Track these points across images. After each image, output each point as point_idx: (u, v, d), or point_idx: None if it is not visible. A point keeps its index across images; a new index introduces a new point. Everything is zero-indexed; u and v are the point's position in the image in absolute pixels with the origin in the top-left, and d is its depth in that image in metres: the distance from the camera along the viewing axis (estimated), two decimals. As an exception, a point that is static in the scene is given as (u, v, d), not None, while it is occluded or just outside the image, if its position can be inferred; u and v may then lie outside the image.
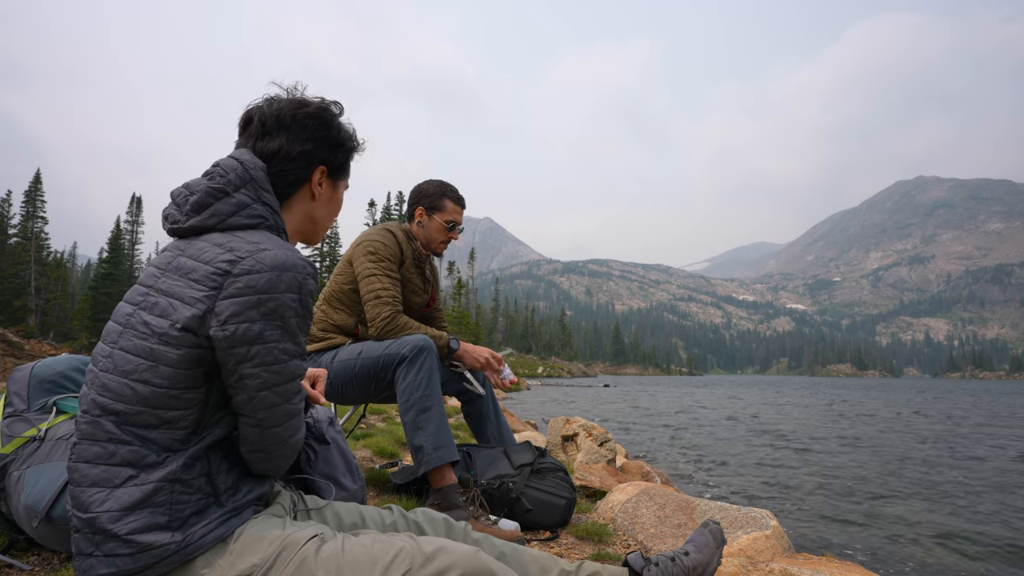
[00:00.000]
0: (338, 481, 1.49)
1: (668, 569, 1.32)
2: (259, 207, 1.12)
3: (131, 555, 0.97)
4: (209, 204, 1.09)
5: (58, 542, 1.56)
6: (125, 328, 1.03)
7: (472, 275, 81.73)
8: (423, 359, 2.15)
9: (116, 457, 0.98)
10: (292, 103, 1.20)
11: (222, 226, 1.08)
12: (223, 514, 1.04)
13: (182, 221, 1.09)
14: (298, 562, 1.00)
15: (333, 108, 1.25)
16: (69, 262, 68.52)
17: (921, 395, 32.96)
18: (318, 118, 1.21)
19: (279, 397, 1.05)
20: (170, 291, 1.02)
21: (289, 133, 1.18)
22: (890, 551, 4.06)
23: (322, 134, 1.21)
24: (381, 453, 3.61)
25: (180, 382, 1.00)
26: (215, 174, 1.11)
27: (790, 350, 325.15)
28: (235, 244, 1.04)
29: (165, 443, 1.00)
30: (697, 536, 1.45)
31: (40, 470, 1.54)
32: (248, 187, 1.12)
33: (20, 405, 1.74)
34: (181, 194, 1.12)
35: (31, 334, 34.68)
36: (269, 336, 1.01)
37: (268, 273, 1.01)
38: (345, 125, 1.27)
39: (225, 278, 1.00)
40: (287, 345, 1.04)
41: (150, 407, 0.99)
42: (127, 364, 1.00)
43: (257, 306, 1.00)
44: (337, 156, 1.25)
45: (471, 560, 1.04)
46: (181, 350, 0.99)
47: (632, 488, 2.71)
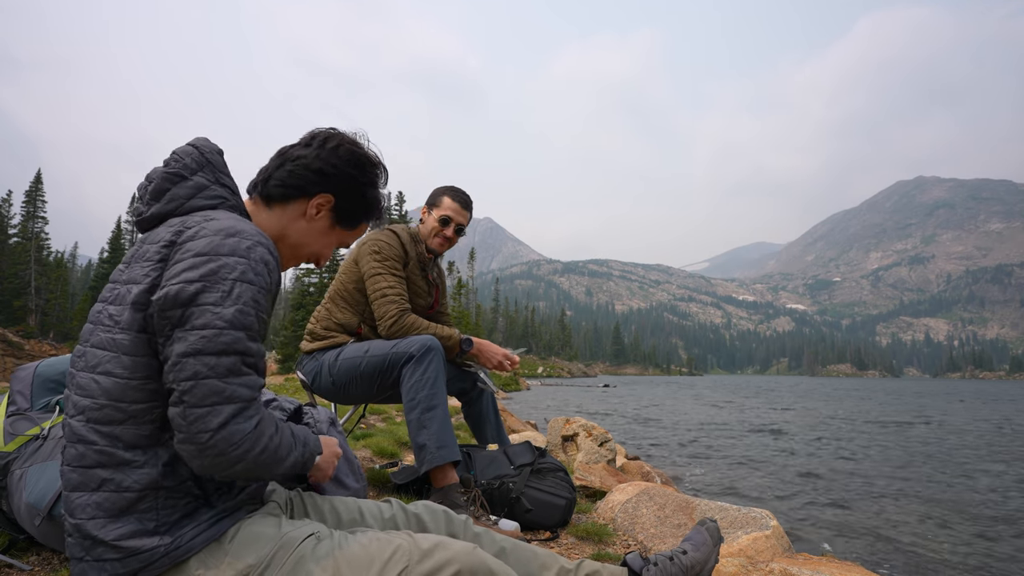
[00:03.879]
0: (340, 481, 1.50)
1: (667, 568, 1.33)
2: (218, 188, 1.10)
3: (120, 560, 0.96)
4: (167, 189, 1.07)
5: (60, 541, 1.56)
6: (95, 325, 1.02)
7: (472, 275, 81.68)
8: (430, 358, 2.16)
9: (87, 458, 0.97)
10: (349, 139, 1.22)
11: (181, 210, 1.07)
12: (214, 515, 1.03)
13: (144, 211, 1.08)
14: (294, 561, 0.99)
15: (380, 167, 1.25)
16: (69, 262, 68.49)
17: (921, 399, 32.87)
18: (357, 156, 1.20)
19: (206, 367, 0.92)
20: (129, 278, 1.01)
21: (323, 151, 1.18)
22: (890, 551, 4.06)
23: (350, 171, 1.19)
24: (381, 453, 3.62)
25: (139, 371, 0.97)
26: (171, 160, 1.10)
27: (790, 350, 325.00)
28: (187, 220, 1.03)
29: (131, 439, 0.97)
30: (694, 535, 1.46)
31: (42, 468, 1.54)
32: (205, 170, 1.10)
33: (23, 403, 1.74)
34: (142, 185, 1.11)
35: (31, 334, 34.68)
36: (204, 299, 0.93)
37: (211, 236, 0.97)
38: (380, 190, 1.25)
39: (170, 249, 0.99)
40: (225, 311, 0.94)
41: (113, 400, 0.97)
42: (94, 359, 0.99)
43: (195, 267, 0.95)
44: (350, 200, 1.21)
45: (468, 556, 1.04)
46: (131, 334, 0.97)
47: (632, 488, 2.71)
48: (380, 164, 1.25)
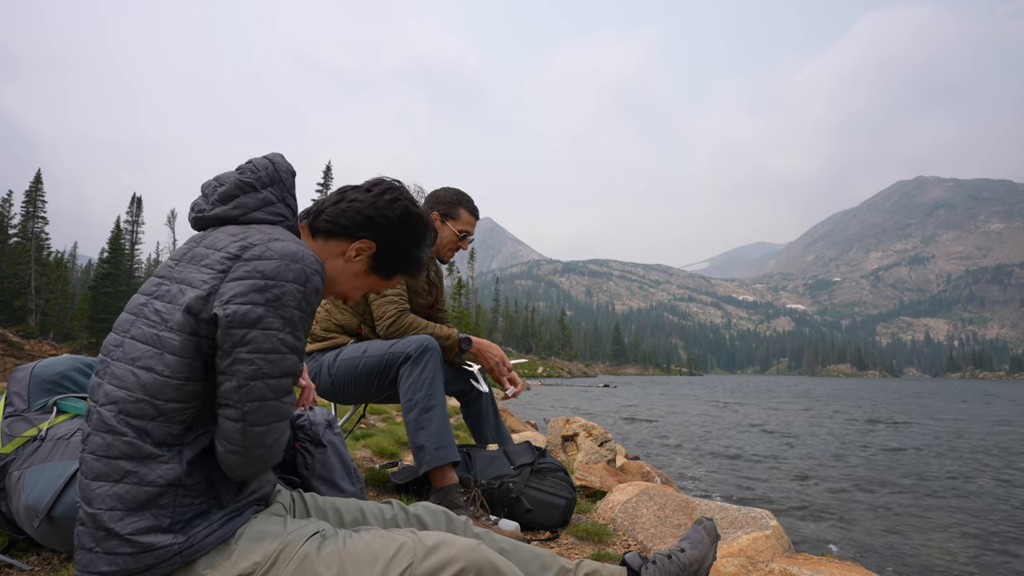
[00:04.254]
0: (336, 484, 1.49)
1: (665, 566, 1.34)
2: (282, 207, 1.15)
3: (132, 555, 0.96)
4: (236, 196, 1.12)
5: (59, 542, 1.56)
6: (137, 317, 1.04)
7: (472, 275, 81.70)
8: (427, 359, 2.15)
9: (114, 449, 0.98)
10: (408, 196, 1.26)
11: (244, 218, 1.11)
12: (225, 515, 1.04)
13: (207, 209, 1.12)
14: (300, 559, 1.00)
15: (429, 229, 1.29)
16: (69, 262, 68.51)
17: (922, 399, 32.88)
18: (410, 214, 1.24)
19: (270, 390, 1.00)
20: (182, 278, 1.03)
21: (379, 200, 1.22)
22: (890, 551, 4.06)
23: (399, 226, 1.23)
24: (381, 453, 3.61)
25: (182, 371, 0.99)
26: (246, 169, 1.14)
27: (790, 350, 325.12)
28: (249, 233, 1.06)
29: (160, 436, 0.99)
30: (692, 533, 1.47)
31: (40, 470, 1.54)
32: (275, 187, 1.15)
33: (20, 405, 1.74)
34: (210, 185, 1.15)
35: (31, 334, 34.70)
36: (270, 323, 0.98)
37: (277, 260, 1.00)
38: (423, 251, 1.29)
39: (234, 262, 1.01)
40: (286, 336, 1.01)
41: (150, 395, 0.98)
42: (135, 351, 1.00)
43: (262, 290, 0.98)
44: (392, 252, 1.24)
45: (473, 552, 1.04)
46: (182, 335, 0.99)
47: (632, 488, 2.71)
48: (430, 227, 1.29)
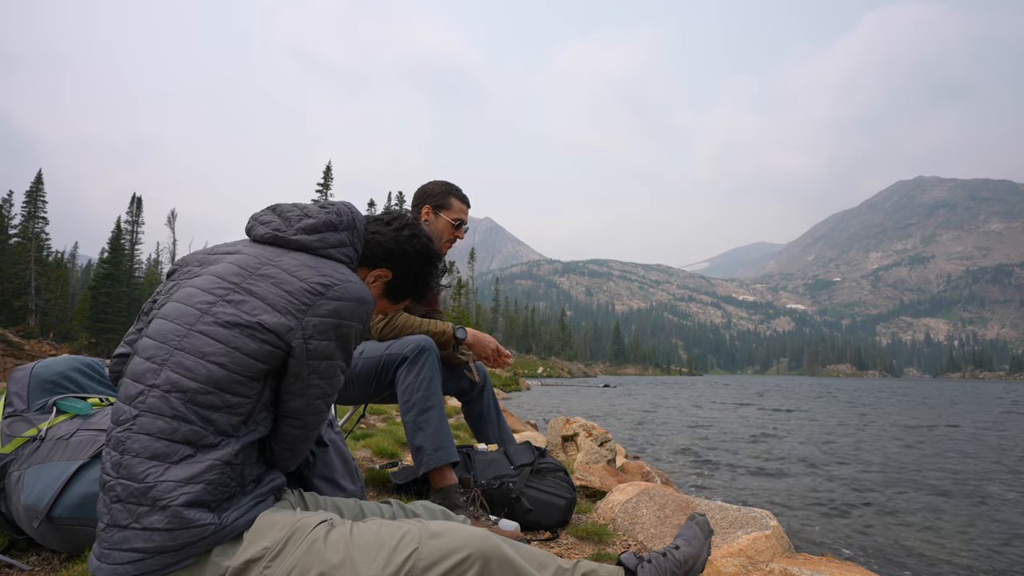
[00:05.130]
0: (337, 483, 1.49)
1: (660, 564, 1.35)
2: (351, 250, 1.31)
3: (169, 531, 1.01)
4: (320, 231, 1.26)
5: (59, 542, 1.56)
6: (205, 314, 1.12)
7: (472, 275, 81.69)
8: (424, 359, 2.14)
9: (178, 434, 1.05)
10: (426, 232, 1.45)
11: (320, 252, 1.25)
12: (249, 501, 1.11)
13: (288, 232, 1.25)
14: (308, 544, 1.05)
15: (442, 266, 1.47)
16: (69, 262, 68.44)
17: (922, 400, 32.83)
18: (427, 250, 1.42)
19: (326, 405, 1.23)
20: (261, 294, 1.14)
21: (399, 235, 1.40)
22: (890, 552, 4.06)
23: (416, 259, 1.41)
24: (381, 453, 3.61)
25: (250, 371, 1.10)
26: (332, 209, 1.30)
27: (790, 350, 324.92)
28: (328, 271, 1.20)
29: (223, 426, 1.09)
30: (685, 530, 1.49)
31: (40, 470, 1.54)
32: (351, 231, 1.31)
33: (20, 405, 1.73)
34: (294, 212, 1.29)
35: (31, 334, 34.69)
36: (336, 355, 1.18)
37: (352, 303, 1.18)
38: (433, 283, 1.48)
39: (317, 298, 1.15)
40: (343, 364, 1.22)
41: (219, 388, 1.08)
42: (207, 347, 1.09)
43: (336, 328, 1.16)
44: (406, 281, 1.43)
45: (482, 541, 1.06)
46: (259, 344, 1.11)
47: (632, 488, 2.71)
48: (443, 263, 1.46)
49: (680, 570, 1.37)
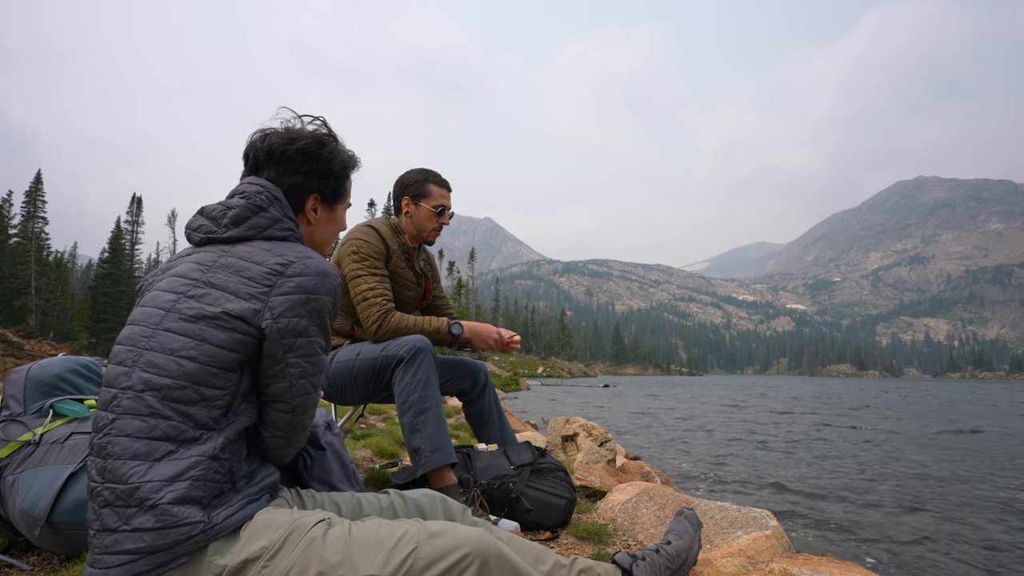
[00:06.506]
0: (334, 487, 1.48)
1: (654, 561, 1.37)
2: (288, 222, 1.27)
3: (159, 530, 1.00)
4: (247, 218, 1.22)
5: (61, 545, 1.55)
6: (169, 312, 1.12)
7: (472, 275, 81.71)
8: (420, 360, 2.13)
9: (157, 431, 1.04)
10: (283, 138, 1.29)
11: (260, 236, 1.22)
12: (242, 499, 1.09)
13: (220, 232, 1.22)
14: (306, 544, 1.04)
15: (325, 139, 1.32)
16: (69, 262, 68.45)
17: (923, 399, 32.85)
18: (305, 152, 1.29)
19: (311, 385, 1.19)
20: (222, 284, 1.13)
21: (279, 167, 1.29)
22: (890, 551, 4.05)
23: (310, 167, 1.30)
24: (381, 453, 3.61)
25: (221, 361, 1.09)
26: (248, 193, 1.25)
27: (790, 350, 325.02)
28: (283, 251, 1.18)
29: (202, 420, 1.08)
30: (675, 525, 1.52)
31: (35, 474, 1.53)
32: (276, 205, 1.26)
33: (16, 408, 1.72)
34: (218, 209, 1.24)
35: (31, 334, 34.71)
36: (311, 331, 1.16)
37: (315, 277, 1.16)
38: (339, 152, 1.34)
39: (278, 278, 1.14)
40: (321, 340, 1.19)
41: (193, 382, 1.07)
42: (174, 343, 1.09)
43: (304, 304, 1.14)
44: (328, 184, 1.34)
45: (480, 540, 1.06)
46: (227, 333, 1.10)
47: (632, 488, 2.70)
48: (320, 135, 1.32)
49: (674, 564, 1.39)
